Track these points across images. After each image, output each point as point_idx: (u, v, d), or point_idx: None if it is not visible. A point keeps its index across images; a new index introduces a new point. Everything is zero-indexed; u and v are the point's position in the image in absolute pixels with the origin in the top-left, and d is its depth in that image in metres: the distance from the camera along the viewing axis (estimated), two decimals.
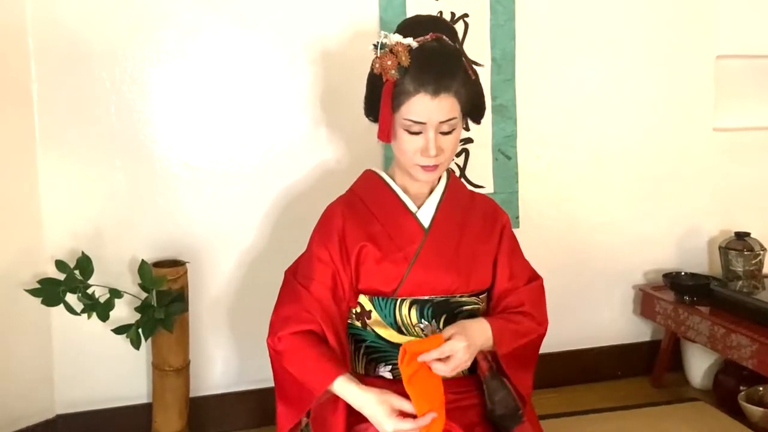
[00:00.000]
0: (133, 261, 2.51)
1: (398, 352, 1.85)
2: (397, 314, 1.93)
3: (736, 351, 2.54)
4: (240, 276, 2.64)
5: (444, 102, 1.81)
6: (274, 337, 1.90)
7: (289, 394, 1.89)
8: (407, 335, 1.94)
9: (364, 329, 1.97)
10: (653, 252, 3.07)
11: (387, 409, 1.73)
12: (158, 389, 2.51)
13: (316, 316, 1.88)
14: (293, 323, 1.89)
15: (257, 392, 2.68)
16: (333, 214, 1.99)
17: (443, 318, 1.94)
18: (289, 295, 1.96)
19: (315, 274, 1.93)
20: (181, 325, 2.49)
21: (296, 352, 1.84)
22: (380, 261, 1.92)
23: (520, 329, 1.93)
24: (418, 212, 1.97)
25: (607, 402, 2.82)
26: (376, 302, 1.94)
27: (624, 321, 3.08)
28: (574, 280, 2.97)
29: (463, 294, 1.96)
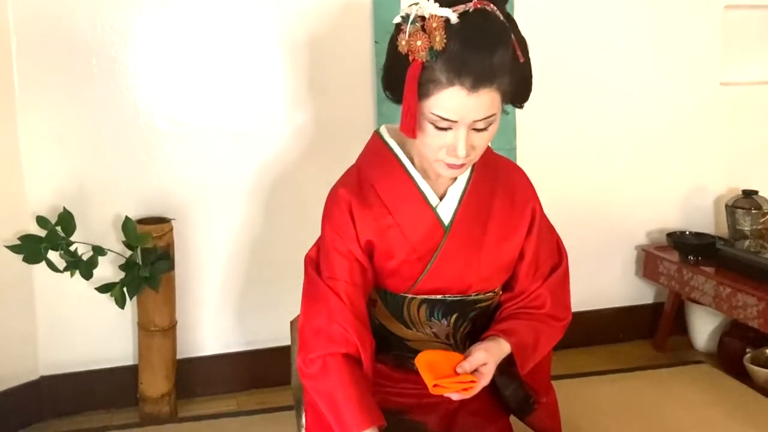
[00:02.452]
0: (117, 218, 2.46)
1: (402, 345, 1.78)
2: (406, 311, 1.75)
3: (742, 311, 2.49)
4: (228, 234, 2.58)
5: (483, 98, 1.48)
6: (305, 358, 1.67)
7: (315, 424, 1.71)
8: (414, 330, 1.78)
9: (370, 317, 1.79)
10: (657, 211, 3.01)
11: None
12: (144, 350, 2.47)
13: (350, 331, 1.63)
14: (326, 342, 1.65)
15: (246, 354, 2.63)
16: (340, 201, 1.72)
17: (454, 317, 1.77)
18: (316, 299, 1.70)
19: (338, 271, 1.68)
20: (167, 284, 2.44)
21: (325, 381, 1.63)
22: (391, 262, 1.70)
23: (541, 342, 1.76)
24: (438, 206, 1.70)
25: (608, 365, 2.77)
26: (384, 295, 1.76)
27: (626, 283, 3.02)
28: (574, 240, 2.81)
29: (480, 293, 1.77)
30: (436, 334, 1.77)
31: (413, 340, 1.77)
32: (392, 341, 1.79)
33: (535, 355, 1.76)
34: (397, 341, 1.78)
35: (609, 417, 2.33)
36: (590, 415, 2.33)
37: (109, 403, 2.54)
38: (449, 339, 1.78)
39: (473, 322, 1.80)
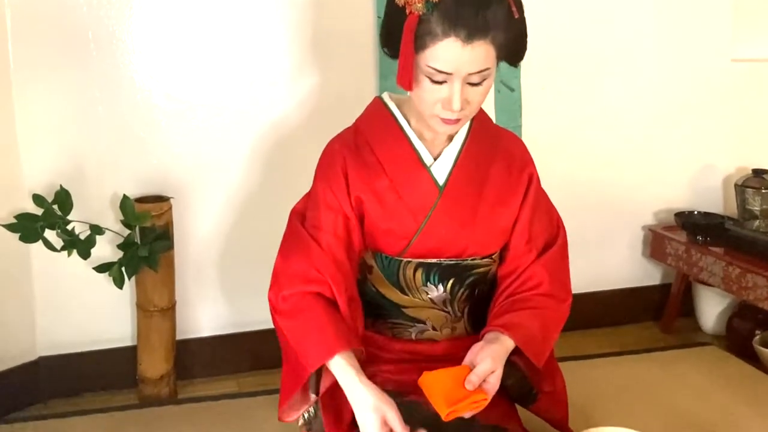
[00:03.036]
0: (114, 197, 2.42)
1: (399, 313, 1.77)
2: (401, 275, 1.76)
3: (752, 292, 2.45)
4: (228, 213, 2.55)
5: (477, 50, 1.52)
6: (278, 294, 1.69)
7: (289, 362, 1.70)
8: (410, 296, 1.79)
9: (365, 283, 1.82)
10: (664, 191, 2.97)
11: (379, 420, 1.53)
12: (143, 331, 2.44)
13: (326, 276, 1.65)
14: (301, 282, 1.67)
15: (247, 335, 2.60)
16: (334, 156, 1.75)
17: (451, 282, 1.78)
18: (296, 244, 1.73)
19: (323, 222, 1.71)
20: (167, 264, 2.41)
21: (297, 316, 1.64)
22: (385, 221, 1.72)
23: (549, 329, 1.74)
24: (432, 166, 1.72)
25: (614, 347, 2.75)
26: (379, 259, 1.77)
27: (632, 263, 2.99)
28: (580, 220, 2.84)
29: (476, 257, 1.77)
30: (433, 300, 1.78)
31: (410, 307, 1.78)
32: (389, 309, 1.79)
33: (546, 345, 1.74)
34: (393, 308, 1.79)
35: (615, 400, 2.31)
36: (596, 398, 2.30)
37: (108, 384, 2.51)
38: (446, 306, 1.79)
39: (471, 288, 1.80)
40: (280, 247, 1.77)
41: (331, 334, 1.59)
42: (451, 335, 1.82)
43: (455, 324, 1.82)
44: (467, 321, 1.83)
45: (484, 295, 1.83)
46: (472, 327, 1.83)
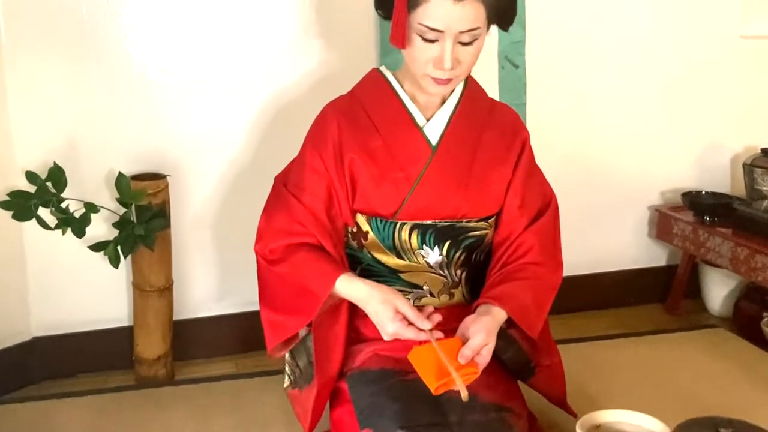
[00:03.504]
0: (109, 175, 2.38)
1: (396, 279, 1.78)
2: (397, 238, 1.79)
3: (761, 273, 2.42)
4: (226, 191, 2.51)
5: (468, 8, 1.60)
6: (265, 248, 1.79)
7: (286, 303, 1.77)
8: (407, 260, 1.81)
9: (360, 251, 1.84)
10: (671, 170, 2.93)
11: (391, 309, 1.64)
12: (139, 311, 2.41)
13: (310, 228, 1.75)
14: (286, 235, 1.77)
15: (246, 316, 2.56)
16: (328, 119, 1.82)
17: (447, 244, 1.80)
18: (279, 204, 1.82)
19: (307, 184, 1.78)
20: (163, 243, 2.38)
21: (293, 259, 1.75)
22: (379, 181, 1.76)
23: (541, 298, 1.77)
24: (425, 126, 1.79)
25: (618, 329, 2.71)
26: (374, 224, 1.80)
27: (638, 244, 2.95)
28: (585, 200, 2.83)
29: (471, 219, 1.81)
30: (430, 264, 1.81)
31: (407, 272, 1.81)
32: (386, 275, 1.82)
33: (539, 315, 1.76)
34: (390, 275, 1.82)
35: (619, 381, 2.28)
36: (600, 380, 2.28)
37: (103, 365, 2.49)
38: (443, 269, 1.82)
39: (467, 252, 1.82)
40: (264, 209, 1.86)
41: (329, 263, 1.73)
42: (449, 302, 1.84)
43: (453, 290, 1.84)
44: (465, 287, 1.85)
45: (482, 263, 1.85)
46: (470, 294, 1.85)
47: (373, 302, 1.67)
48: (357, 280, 1.70)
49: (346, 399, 1.79)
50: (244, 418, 2.12)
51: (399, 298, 1.65)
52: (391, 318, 1.63)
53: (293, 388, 1.92)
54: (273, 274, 1.81)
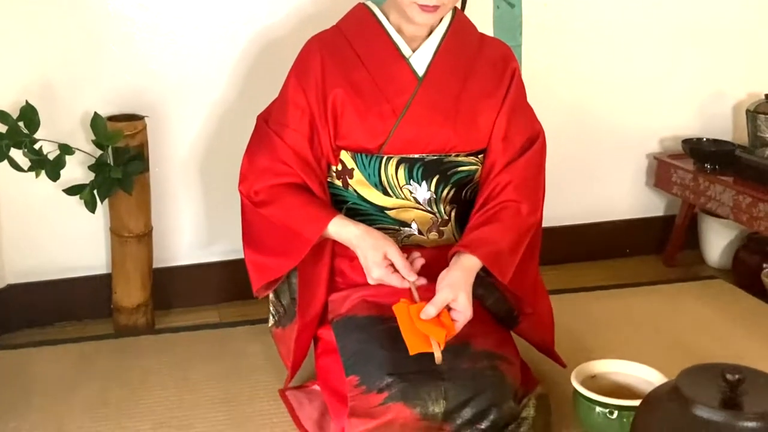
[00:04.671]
0: (85, 116, 2.32)
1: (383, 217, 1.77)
2: (383, 174, 1.78)
3: (763, 222, 2.39)
4: (207, 133, 2.45)
5: None
6: (249, 189, 1.79)
7: (273, 246, 1.79)
8: (393, 197, 1.80)
9: (346, 189, 1.83)
10: (671, 117, 2.87)
11: (380, 255, 1.66)
12: (118, 258, 2.37)
13: (294, 168, 1.75)
14: (271, 176, 1.78)
15: (229, 264, 2.52)
16: (311, 52, 1.81)
17: (435, 179, 1.79)
18: (262, 143, 1.82)
19: (290, 120, 1.78)
20: (142, 187, 2.33)
21: (280, 201, 1.76)
22: (364, 113, 1.76)
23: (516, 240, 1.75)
24: (411, 57, 1.78)
25: (614, 281, 2.68)
26: (359, 160, 1.79)
27: (635, 194, 2.91)
28: (581, 147, 2.78)
29: (460, 153, 1.80)
30: (418, 200, 1.80)
31: (394, 209, 1.81)
32: (372, 213, 1.82)
33: (512, 259, 1.74)
34: (377, 212, 1.81)
35: (615, 332, 2.25)
36: (595, 331, 2.25)
37: (80, 314, 2.45)
38: (432, 206, 1.81)
39: (456, 189, 1.81)
40: (246, 148, 1.85)
41: (319, 206, 1.75)
42: (439, 240, 1.83)
43: (442, 228, 1.83)
44: (455, 225, 1.84)
45: (472, 201, 1.82)
46: (460, 233, 1.82)
47: (363, 246, 1.68)
48: (349, 223, 1.72)
49: (332, 347, 1.78)
50: (227, 367, 2.09)
51: (390, 245, 1.67)
52: (378, 263, 1.65)
53: (277, 327, 1.93)
54: (259, 216, 1.80)
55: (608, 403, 1.68)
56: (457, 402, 1.58)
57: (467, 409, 1.59)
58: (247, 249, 1.86)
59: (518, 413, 1.66)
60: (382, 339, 1.67)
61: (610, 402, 1.68)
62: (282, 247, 1.77)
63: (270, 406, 1.90)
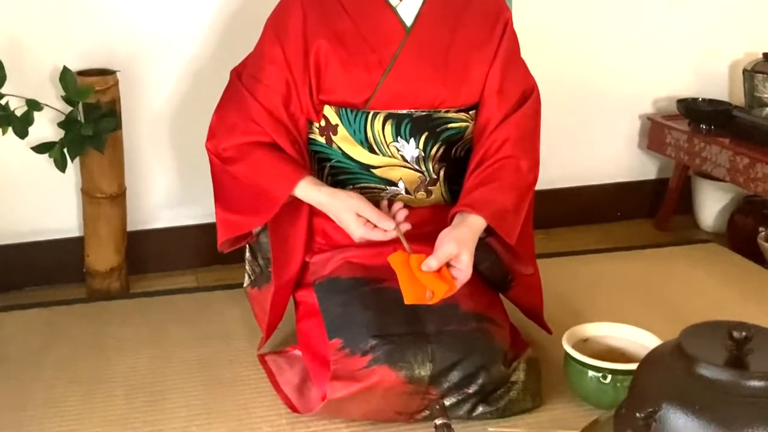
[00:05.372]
0: (54, 70, 2.24)
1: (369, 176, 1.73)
2: (369, 130, 1.72)
3: (761, 183, 2.35)
4: (183, 89, 2.38)
5: None
6: (217, 146, 1.74)
7: (242, 204, 1.74)
8: (380, 155, 1.74)
9: (329, 147, 1.78)
10: (665, 77, 2.81)
11: (352, 216, 1.63)
12: (90, 220, 2.31)
13: (265, 127, 1.69)
14: (240, 134, 1.72)
15: (207, 227, 2.39)
16: (291, 2, 1.74)
17: (424, 136, 1.73)
18: (233, 99, 1.76)
19: (264, 76, 1.72)
20: (114, 146, 2.26)
21: (249, 158, 1.71)
22: (348, 65, 1.69)
23: (519, 198, 1.70)
24: (399, 6, 1.71)
25: (605, 245, 2.64)
26: (344, 115, 1.73)
27: (627, 156, 2.86)
28: (571, 108, 2.71)
29: (450, 109, 1.74)
30: (405, 158, 1.74)
31: (380, 167, 1.75)
32: (357, 172, 1.76)
33: (517, 219, 1.70)
34: (362, 171, 1.76)
35: (606, 296, 2.21)
36: (586, 295, 2.21)
37: (51, 278, 2.38)
38: (420, 165, 1.75)
39: (446, 146, 1.76)
40: (217, 104, 1.80)
41: (289, 164, 1.69)
42: (427, 200, 1.78)
43: (431, 187, 1.78)
44: (444, 185, 1.79)
45: (462, 159, 1.78)
46: (449, 193, 1.78)
47: (334, 211, 1.65)
48: (315, 188, 1.68)
49: (313, 310, 1.74)
50: (204, 332, 2.04)
51: (359, 202, 1.63)
52: (355, 224, 1.62)
53: (253, 287, 1.89)
54: (227, 174, 1.75)
55: (601, 367, 1.64)
56: (444, 365, 1.54)
57: (455, 372, 1.55)
58: (217, 206, 1.81)
59: (508, 377, 1.63)
60: (366, 301, 1.63)
61: (604, 366, 1.64)
62: (251, 206, 1.72)
63: (248, 371, 1.85)
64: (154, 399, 1.76)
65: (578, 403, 1.71)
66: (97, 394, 1.78)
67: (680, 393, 1.00)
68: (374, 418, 1.62)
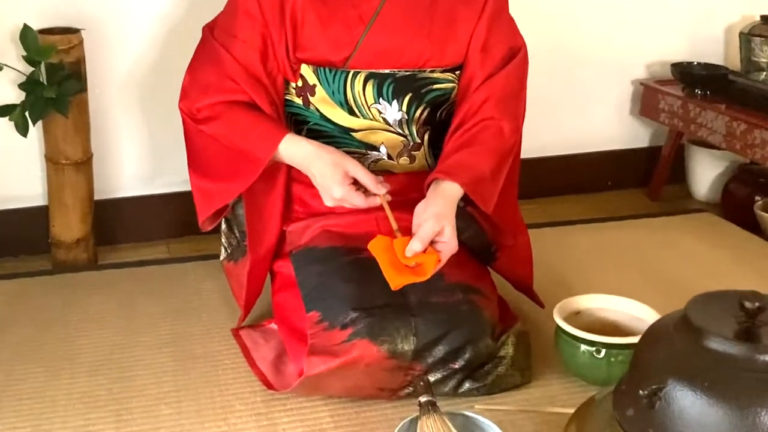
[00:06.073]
0: (15, 28, 2.13)
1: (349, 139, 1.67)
2: (349, 91, 1.65)
3: (759, 150, 2.28)
4: (154, 50, 2.28)
5: None
6: (191, 106, 1.64)
7: (220, 168, 1.65)
8: (360, 117, 1.67)
9: (307, 108, 1.69)
10: (658, 41, 2.74)
11: (340, 172, 1.53)
12: (54, 188, 2.22)
13: (242, 85, 1.61)
14: (215, 93, 1.63)
15: (180, 196, 2.35)
16: None
17: (407, 98, 1.66)
18: (206, 56, 1.68)
19: (239, 30, 1.63)
20: (79, 109, 2.17)
21: (225, 117, 1.63)
22: (327, 21, 1.61)
23: (498, 164, 1.62)
24: None
25: (595, 214, 2.57)
26: (322, 75, 1.65)
27: (619, 123, 2.79)
28: (560, 73, 2.64)
29: (435, 68, 1.67)
30: (387, 121, 1.67)
31: (361, 130, 1.68)
32: (336, 135, 1.69)
33: (495, 185, 1.62)
34: (342, 134, 1.69)
35: (598, 267, 2.15)
36: (577, 266, 2.15)
37: (14, 249, 2.29)
38: (403, 128, 1.69)
39: (431, 109, 1.69)
40: (190, 62, 1.71)
41: (270, 122, 1.61)
42: (410, 166, 1.71)
43: (414, 152, 1.71)
44: (428, 150, 1.72)
45: (447, 124, 1.70)
46: (433, 158, 1.71)
47: (319, 163, 1.54)
48: (303, 140, 1.59)
49: (290, 282, 1.66)
50: (176, 305, 1.96)
51: (350, 161, 1.54)
52: (340, 181, 1.51)
53: (229, 261, 1.81)
54: (203, 136, 1.65)
55: (595, 341, 1.57)
56: (428, 339, 1.47)
57: (440, 346, 1.48)
58: (192, 174, 1.72)
59: (496, 351, 1.56)
60: (345, 271, 1.56)
61: (597, 339, 1.57)
62: (229, 170, 1.63)
63: (222, 346, 1.77)
64: (120, 376, 1.68)
65: (570, 379, 1.65)
66: (60, 371, 1.70)
67: (688, 368, 0.94)
68: (354, 395, 1.55)
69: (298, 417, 1.54)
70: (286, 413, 1.55)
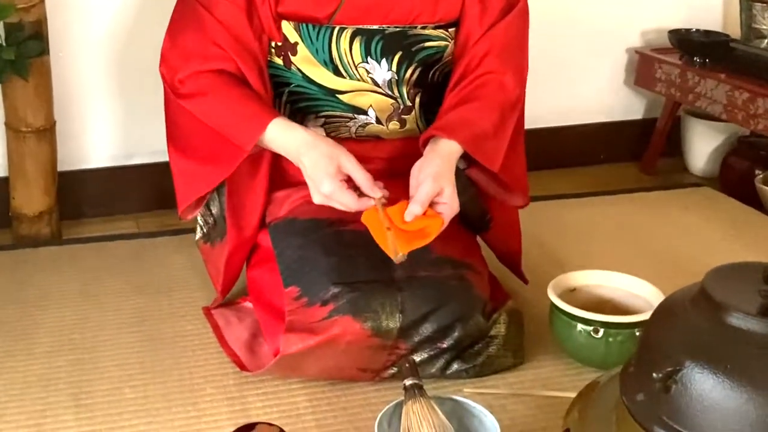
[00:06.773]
0: None
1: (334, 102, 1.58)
2: (334, 49, 1.56)
3: (762, 120, 2.20)
4: (124, 9, 2.18)
5: None
6: (173, 76, 1.53)
7: (201, 148, 1.54)
8: (347, 78, 1.58)
9: (288, 69, 1.60)
10: (655, 7, 2.66)
11: (334, 165, 1.40)
12: (15, 157, 2.11)
13: (228, 51, 1.50)
14: (198, 60, 1.53)
15: (148, 168, 2.29)
16: None
17: (397, 57, 1.57)
18: (186, 18, 1.56)
19: None
20: (40, 73, 2.06)
21: (209, 95, 1.51)
22: None
23: (502, 119, 1.54)
24: None
25: (588, 189, 2.50)
26: (305, 31, 1.56)
27: (612, 94, 2.71)
28: (552, 42, 2.53)
29: (427, 24, 1.58)
30: (376, 81, 1.58)
31: (347, 92, 1.59)
32: (320, 97, 1.59)
33: (499, 143, 1.53)
34: (326, 96, 1.59)
35: (593, 243, 2.08)
36: (569, 241, 2.07)
37: None
38: (392, 89, 1.60)
39: (423, 68, 1.60)
40: (168, 25, 1.58)
41: (257, 103, 1.50)
42: (400, 131, 1.62)
43: (404, 116, 1.62)
44: (419, 114, 1.63)
45: (440, 84, 1.61)
46: (424, 122, 1.62)
47: (313, 153, 1.41)
48: (296, 127, 1.47)
49: (267, 256, 1.58)
50: (144, 281, 1.87)
51: (346, 155, 1.42)
52: (332, 174, 1.38)
53: (205, 242, 1.71)
54: (184, 112, 1.54)
55: (592, 320, 1.48)
56: (415, 316, 1.39)
57: (427, 324, 1.40)
58: (171, 149, 1.60)
59: (487, 330, 1.48)
60: (327, 244, 1.47)
61: (595, 318, 1.48)
62: (211, 151, 1.52)
63: (192, 326, 1.68)
64: (82, 357, 1.58)
65: (565, 361, 1.57)
66: (16, 352, 1.60)
67: (707, 348, 0.84)
68: (334, 376, 1.46)
69: (274, 401, 1.45)
70: (260, 397, 1.47)
